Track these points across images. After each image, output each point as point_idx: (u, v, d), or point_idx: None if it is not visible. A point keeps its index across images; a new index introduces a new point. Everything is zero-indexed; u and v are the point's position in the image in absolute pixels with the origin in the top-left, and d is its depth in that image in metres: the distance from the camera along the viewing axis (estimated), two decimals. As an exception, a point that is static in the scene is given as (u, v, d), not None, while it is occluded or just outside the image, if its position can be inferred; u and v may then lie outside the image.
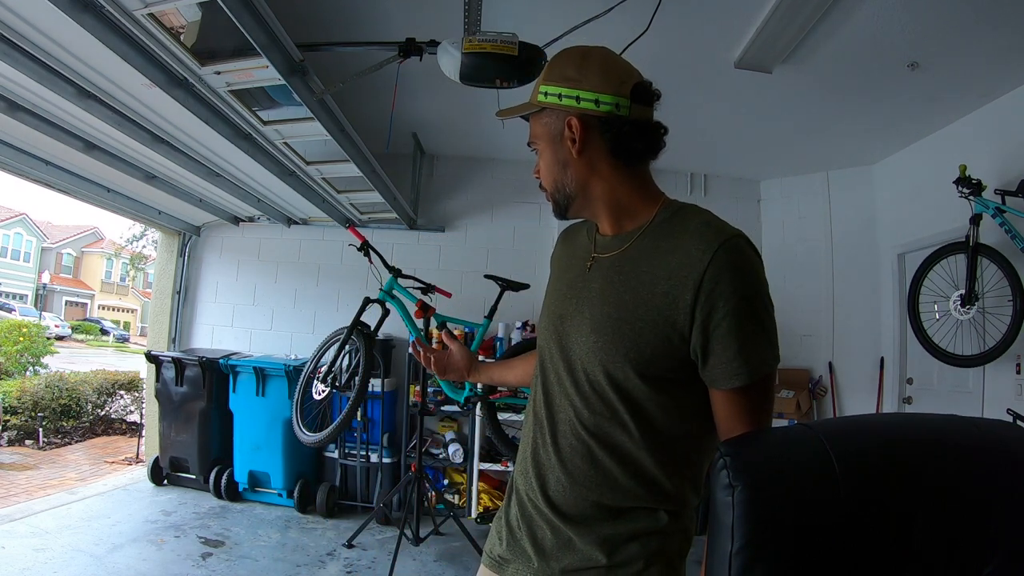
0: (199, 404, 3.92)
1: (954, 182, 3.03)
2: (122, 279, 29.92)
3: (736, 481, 0.65)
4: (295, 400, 3.00)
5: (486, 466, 3.95)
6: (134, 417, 6.69)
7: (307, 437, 2.84)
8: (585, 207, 0.96)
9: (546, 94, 0.93)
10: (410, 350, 1.05)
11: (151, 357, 4.13)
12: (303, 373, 3.11)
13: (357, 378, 2.80)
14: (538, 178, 0.99)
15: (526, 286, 3.09)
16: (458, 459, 3.94)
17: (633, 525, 0.89)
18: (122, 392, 6.94)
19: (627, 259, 0.91)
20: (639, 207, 0.94)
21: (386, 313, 3.05)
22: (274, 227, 4.57)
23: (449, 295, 3.29)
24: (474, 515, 3.87)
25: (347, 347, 2.97)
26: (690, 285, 0.82)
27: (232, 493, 3.88)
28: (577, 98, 0.91)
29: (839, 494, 0.64)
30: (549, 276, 1.08)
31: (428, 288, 3.16)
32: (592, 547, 0.89)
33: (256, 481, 3.87)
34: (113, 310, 29.53)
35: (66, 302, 26.66)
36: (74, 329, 21.70)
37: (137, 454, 5.16)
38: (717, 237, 0.85)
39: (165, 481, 4.08)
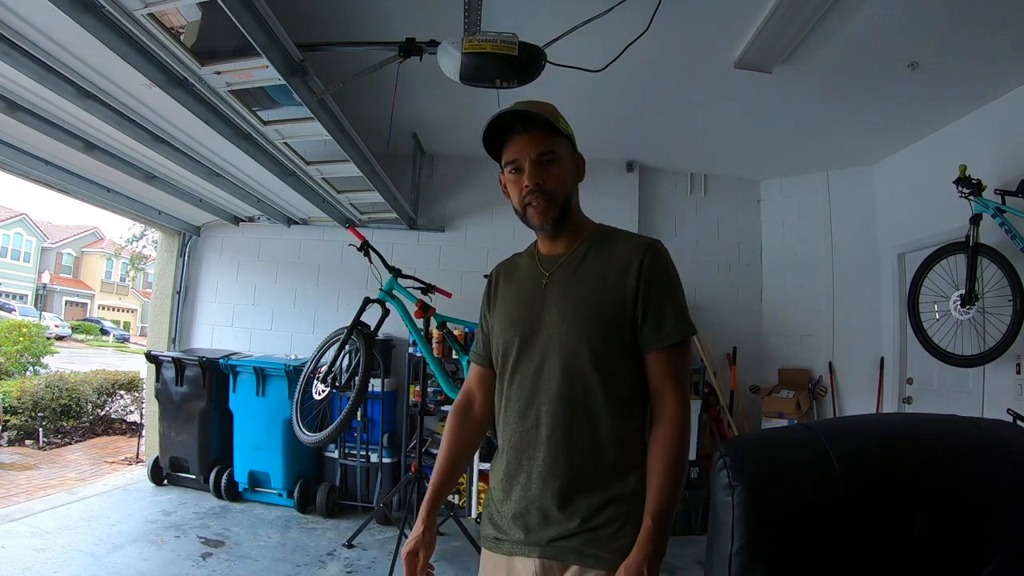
0: (199, 404, 3.92)
1: (954, 182, 3.03)
2: (122, 279, 29.91)
3: (736, 481, 0.65)
4: (295, 400, 3.01)
5: (486, 466, 3.95)
6: (134, 417, 6.69)
7: (307, 437, 2.84)
8: (568, 220, 1.16)
9: (562, 129, 1.14)
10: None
11: (151, 357, 4.13)
12: (303, 373, 3.12)
13: (357, 378, 2.80)
14: (538, 184, 1.11)
15: (526, 286, 3.08)
16: (458, 459, 3.93)
17: (608, 492, 1.05)
18: (122, 392, 6.94)
19: (577, 266, 1.14)
20: (584, 227, 1.20)
21: (386, 313, 3.05)
22: (274, 227, 4.57)
23: (449, 295, 3.29)
24: (474, 515, 3.87)
25: (347, 347, 2.97)
26: (633, 270, 1.09)
27: (232, 493, 3.88)
28: (575, 144, 1.19)
29: (839, 494, 0.64)
30: (493, 303, 1.24)
31: (428, 288, 3.16)
32: (574, 516, 1.04)
33: (256, 481, 3.87)
34: (113, 310, 29.52)
35: (66, 302, 26.65)
36: (74, 329, 21.69)
37: (137, 454, 5.16)
38: (646, 240, 1.14)
39: (165, 481, 4.08)
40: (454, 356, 3.60)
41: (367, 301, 3.00)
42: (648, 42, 2.38)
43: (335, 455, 3.94)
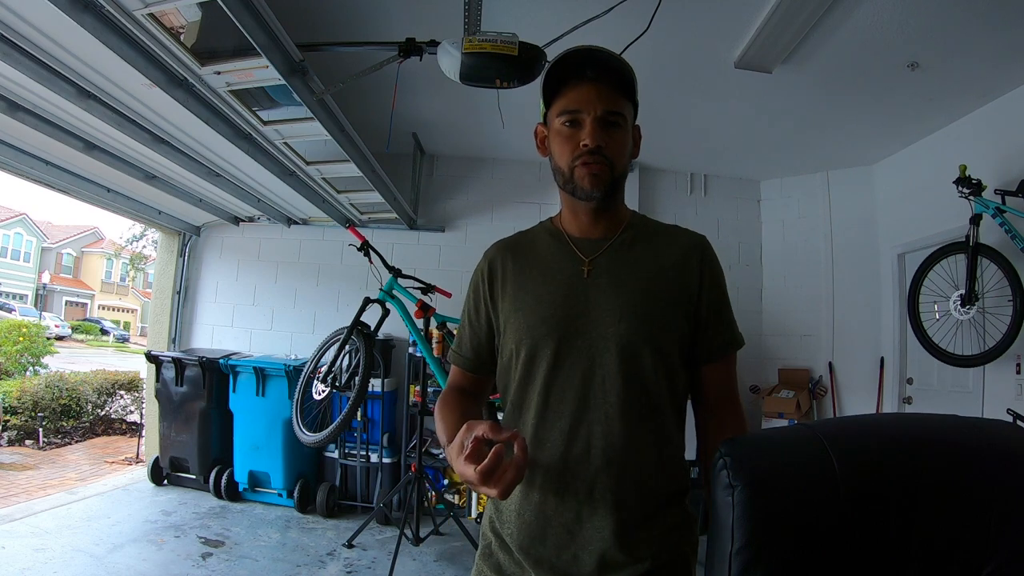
0: (199, 404, 3.92)
1: (954, 182, 3.03)
2: (122, 279, 29.89)
3: (736, 481, 0.65)
4: (295, 400, 3.01)
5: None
6: (134, 417, 6.69)
7: (307, 437, 2.84)
8: (615, 196, 0.99)
9: (635, 95, 0.97)
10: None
11: (151, 357, 4.13)
12: (303, 373, 3.12)
13: (357, 378, 2.80)
14: (599, 147, 0.91)
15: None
16: (458, 459, 3.93)
17: (673, 519, 0.92)
18: (122, 392, 6.94)
19: (626, 255, 0.98)
20: (623, 211, 1.04)
21: (386, 313, 3.05)
22: (274, 227, 4.57)
23: (449, 295, 3.29)
24: (474, 515, 3.86)
25: (347, 347, 2.97)
26: (694, 268, 0.97)
27: (232, 493, 3.88)
28: (636, 114, 0.99)
29: (839, 494, 0.64)
30: (501, 292, 1.00)
31: (428, 288, 3.16)
32: (643, 557, 0.87)
33: (256, 481, 3.87)
34: (113, 310, 29.51)
35: (66, 302, 26.64)
36: (74, 329, 21.68)
37: (137, 454, 5.16)
38: (698, 236, 1.02)
39: (165, 481, 4.08)
40: (454, 356, 3.59)
41: (367, 301, 3.00)
42: (648, 42, 2.38)
43: (335, 455, 3.94)
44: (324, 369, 3.01)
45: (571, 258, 0.98)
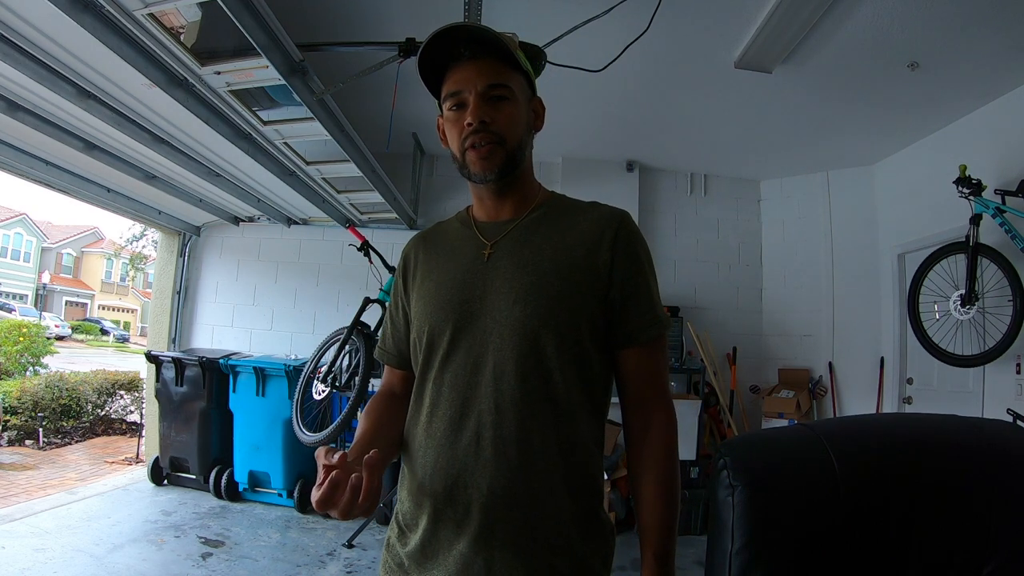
0: (199, 404, 3.92)
1: (954, 182, 3.03)
2: (122, 279, 29.91)
3: (736, 481, 0.65)
4: (295, 400, 3.01)
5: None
6: (134, 417, 6.69)
7: (307, 437, 2.84)
8: (517, 176, 0.93)
9: (521, 64, 0.92)
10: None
11: (151, 357, 4.12)
12: (303, 373, 3.12)
13: (357, 378, 2.81)
14: (483, 123, 0.86)
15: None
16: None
17: (580, 526, 0.84)
18: (122, 392, 6.94)
19: (530, 235, 0.91)
20: (536, 191, 0.97)
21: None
22: (274, 227, 4.57)
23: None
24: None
25: (347, 347, 2.97)
26: (606, 246, 0.88)
27: (232, 493, 3.88)
28: (535, 87, 0.96)
29: (839, 494, 0.64)
30: (412, 282, 0.97)
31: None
32: (538, 563, 0.81)
33: (256, 481, 3.87)
34: (113, 310, 29.52)
35: (66, 302, 26.65)
36: (74, 329, 21.69)
37: (137, 454, 5.16)
38: (615, 211, 0.93)
39: (165, 481, 4.08)
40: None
41: (367, 301, 3.00)
42: (648, 42, 2.38)
43: (335, 455, 3.94)
44: (324, 369, 3.01)
45: (474, 242, 0.93)
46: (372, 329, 2.98)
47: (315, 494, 0.72)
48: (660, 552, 0.81)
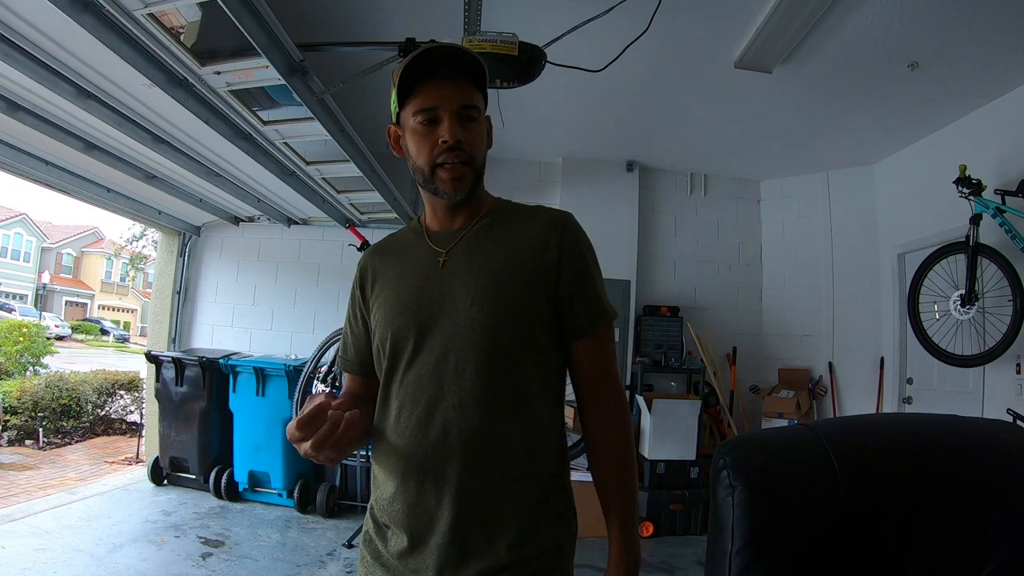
0: (199, 404, 3.92)
1: (954, 182, 3.03)
2: (122, 279, 29.91)
3: (736, 481, 0.65)
4: (295, 400, 3.01)
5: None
6: (134, 417, 6.68)
7: (307, 437, 2.84)
8: (476, 191, 0.99)
9: (485, 85, 0.97)
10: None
11: (151, 357, 4.12)
12: (303, 373, 3.12)
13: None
14: (459, 142, 0.92)
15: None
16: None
17: (543, 510, 0.91)
18: (122, 392, 6.93)
19: (483, 240, 0.97)
20: (485, 200, 1.04)
21: (386, 313, 3.05)
22: (274, 227, 4.57)
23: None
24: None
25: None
26: (552, 247, 0.94)
27: (232, 493, 3.88)
28: (486, 105, 1.01)
29: (839, 494, 0.64)
30: (371, 292, 1.02)
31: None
32: (500, 545, 0.87)
33: (256, 481, 3.87)
34: (113, 310, 29.52)
35: (66, 302, 26.65)
36: (74, 329, 21.68)
37: (137, 454, 5.16)
38: (559, 213, 1.00)
39: (165, 481, 4.08)
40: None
41: (367, 301, 3.00)
42: (648, 42, 2.38)
43: (335, 455, 3.94)
44: (324, 369, 3.01)
45: (429, 251, 0.99)
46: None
47: (293, 422, 0.77)
48: (621, 521, 0.91)
